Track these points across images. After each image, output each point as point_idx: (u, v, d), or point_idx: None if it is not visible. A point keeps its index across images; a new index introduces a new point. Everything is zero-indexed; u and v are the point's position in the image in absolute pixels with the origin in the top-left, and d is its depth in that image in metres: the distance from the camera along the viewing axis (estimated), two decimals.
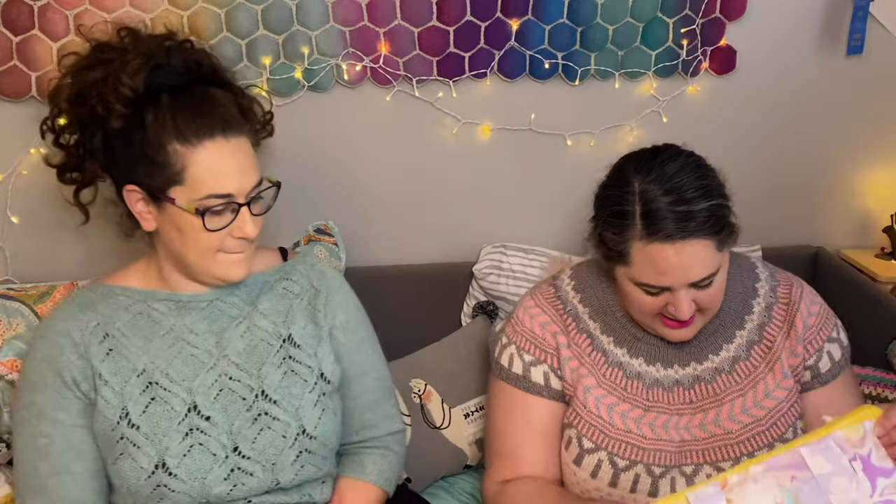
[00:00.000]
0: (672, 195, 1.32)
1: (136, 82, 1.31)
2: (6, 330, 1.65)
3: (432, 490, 1.84)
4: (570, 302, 1.53)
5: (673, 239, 1.31)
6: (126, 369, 1.36)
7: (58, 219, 1.81)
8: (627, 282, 1.40)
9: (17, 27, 1.69)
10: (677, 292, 1.36)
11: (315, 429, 1.40)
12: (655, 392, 1.47)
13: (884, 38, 1.98)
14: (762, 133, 2.01)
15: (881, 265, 2.06)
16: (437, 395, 1.85)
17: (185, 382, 1.37)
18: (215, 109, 1.32)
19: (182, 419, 1.35)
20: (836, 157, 2.09)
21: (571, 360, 1.49)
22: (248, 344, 1.41)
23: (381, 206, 1.98)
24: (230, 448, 1.35)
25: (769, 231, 2.06)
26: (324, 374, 1.44)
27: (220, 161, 1.31)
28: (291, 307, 1.46)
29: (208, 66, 1.41)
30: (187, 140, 1.29)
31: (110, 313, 1.39)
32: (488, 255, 1.96)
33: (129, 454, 1.33)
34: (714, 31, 1.91)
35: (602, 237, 1.41)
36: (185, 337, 1.39)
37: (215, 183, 1.30)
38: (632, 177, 1.36)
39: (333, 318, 1.48)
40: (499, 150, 1.96)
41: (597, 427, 1.46)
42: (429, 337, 1.95)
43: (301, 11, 1.78)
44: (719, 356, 1.49)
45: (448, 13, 1.82)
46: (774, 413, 1.45)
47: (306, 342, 1.45)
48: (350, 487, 1.49)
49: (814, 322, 1.49)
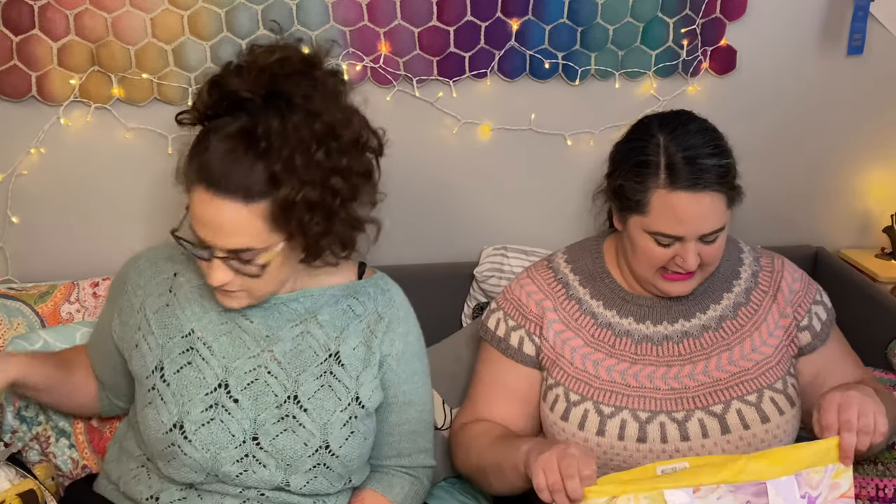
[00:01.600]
0: (694, 150, 1.45)
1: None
2: (7, 329, 1.65)
3: (433, 490, 1.84)
4: (561, 271, 1.64)
5: (694, 189, 1.43)
6: (172, 328, 1.41)
7: (58, 219, 1.81)
8: (639, 233, 1.49)
9: (17, 27, 1.69)
10: (687, 244, 1.46)
11: (340, 448, 1.40)
12: (644, 346, 1.56)
13: (884, 38, 1.98)
14: (762, 133, 2.01)
15: (881, 265, 2.06)
16: (438, 395, 1.85)
17: (224, 360, 1.39)
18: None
19: (210, 391, 1.38)
20: (836, 157, 2.09)
21: (556, 324, 1.59)
22: (296, 347, 1.42)
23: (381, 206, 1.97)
24: (250, 435, 1.37)
25: (769, 231, 2.06)
26: (359, 399, 1.43)
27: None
28: (348, 326, 1.46)
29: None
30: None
31: (184, 272, 1.45)
32: (489, 258, 1.96)
33: (154, 405, 1.38)
34: (714, 31, 1.92)
35: (621, 188, 1.51)
36: (239, 321, 1.42)
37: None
38: (656, 131, 1.49)
39: (391, 346, 1.47)
40: (499, 150, 1.96)
41: (582, 380, 1.54)
42: (429, 338, 1.93)
43: (301, 11, 1.78)
44: (706, 314, 1.58)
45: (448, 13, 1.82)
46: (762, 365, 1.54)
47: (352, 363, 1.44)
48: (374, 501, 1.48)
49: (799, 287, 1.60)
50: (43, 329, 1.66)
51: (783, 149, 2.05)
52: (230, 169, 1.26)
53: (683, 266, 1.48)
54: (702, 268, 1.51)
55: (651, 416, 1.51)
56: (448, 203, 2.00)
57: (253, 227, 1.27)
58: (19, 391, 1.51)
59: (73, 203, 1.84)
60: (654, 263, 1.50)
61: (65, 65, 1.73)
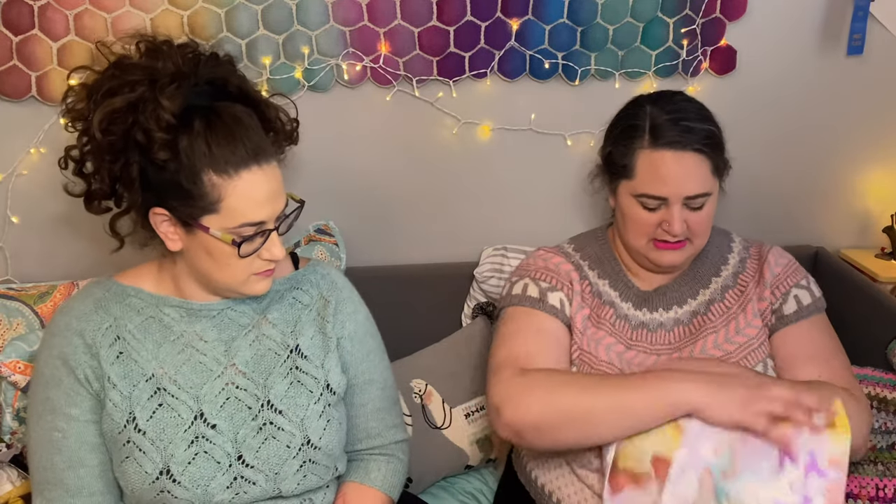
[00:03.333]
0: (679, 113, 1.51)
1: (175, 106, 1.26)
2: (6, 330, 1.65)
3: (433, 490, 1.84)
4: (571, 255, 1.68)
5: (675, 147, 1.48)
6: (135, 374, 1.36)
7: (58, 219, 1.81)
8: (628, 199, 1.55)
9: (17, 27, 1.69)
10: (672, 207, 1.50)
11: (320, 440, 1.40)
12: (640, 333, 1.60)
13: (884, 38, 1.98)
14: (762, 133, 2.01)
15: (881, 265, 2.06)
16: (438, 395, 1.85)
17: (192, 390, 1.36)
18: (248, 136, 1.29)
19: (188, 427, 1.34)
20: (836, 157, 2.09)
21: (577, 296, 1.61)
22: (256, 353, 1.41)
23: (381, 206, 1.98)
24: (234, 457, 1.35)
25: (769, 231, 2.05)
26: (330, 386, 1.44)
27: (255, 190, 1.28)
28: (300, 318, 1.46)
29: (235, 83, 1.37)
30: (224, 171, 1.26)
31: (122, 315, 1.38)
32: (489, 258, 1.96)
33: (134, 458, 1.33)
34: (714, 31, 1.91)
35: (610, 155, 1.58)
36: (195, 344, 1.39)
37: (251, 212, 1.29)
38: (645, 102, 1.56)
39: (342, 328, 1.48)
40: (499, 150, 1.96)
41: (585, 361, 1.56)
42: (429, 337, 1.95)
43: (301, 11, 1.78)
44: (696, 300, 1.62)
45: (448, 13, 1.82)
46: (744, 348, 1.57)
47: (314, 353, 1.44)
48: (355, 492, 1.49)
49: (780, 271, 1.63)
50: (42, 329, 1.66)
51: (783, 149, 2.05)
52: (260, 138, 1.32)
53: (670, 231, 1.51)
54: (691, 240, 1.55)
55: None
56: (448, 203, 2.00)
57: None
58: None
59: (72, 203, 1.83)
60: (642, 231, 1.54)
61: (65, 65, 1.72)
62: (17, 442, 1.62)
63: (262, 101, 1.41)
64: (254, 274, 1.35)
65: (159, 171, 1.28)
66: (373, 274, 1.94)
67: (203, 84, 1.32)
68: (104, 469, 1.36)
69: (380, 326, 1.57)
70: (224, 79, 1.35)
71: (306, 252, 1.82)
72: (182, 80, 1.29)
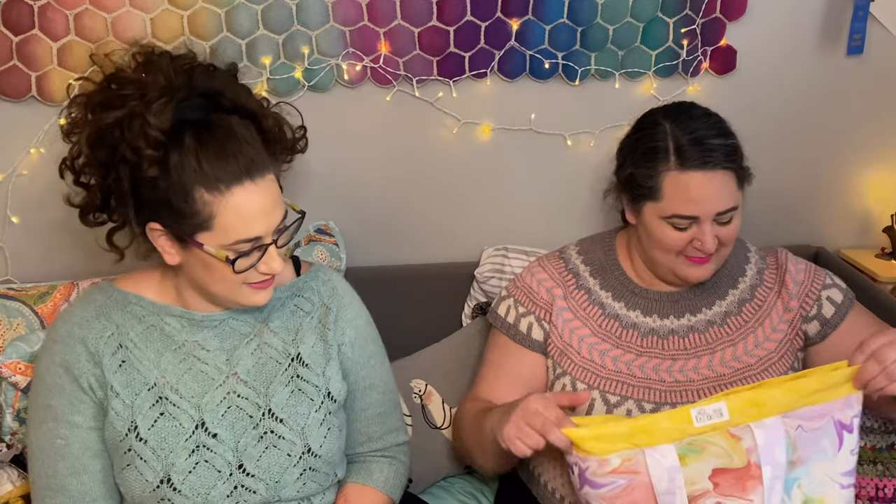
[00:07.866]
0: (699, 132, 1.50)
1: (162, 122, 1.24)
2: (6, 330, 1.65)
3: (433, 490, 1.84)
4: (572, 262, 1.68)
5: (705, 168, 1.47)
6: (137, 382, 1.35)
7: (58, 219, 1.81)
8: (655, 220, 1.53)
9: (17, 27, 1.69)
10: (703, 225, 1.49)
11: (320, 447, 1.40)
12: (650, 339, 1.59)
13: (884, 38, 1.98)
14: (762, 133, 2.00)
15: (881, 265, 2.06)
16: (438, 395, 1.85)
17: (193, 399, 1.36)
18: (240, 150, 1.26)
19: (189, 436, 1.34)
20: (836, 157, 2.09)
21: (565, 312, 1.62)
22: (258, 362, 1.41)
23: (381, 206, 1.98)
24: (235, 465, 1.35)
25: (769, 231, 2.06)
26: (330, 394, 1.44)
27: (248, 206, 1.26)
28: (301, 325, 1.45)
29: (229, 96, 1.34)
30: (215, 188, 1.24)
31: (124, 322, 1.38)
32: (490, 259, 1.96)
33: (135, 466, 1.33)
34: (714, 31, 1.91)
35: (632, 177, 1.55)
36: (196, 353, 1.39)
37: (245, 228, 1.27)
38: (661, 119, 1.54)
39: (343, 335, 1.48)
40: (499, 150, 1.96)
41: (589, 370, 1.58)
42: (429, 337, 1.94)
43: (301, 11, 1.78)
44: (712, 310, 1.61)
45: (448, 13, 1.82)
46: (765, 361, 1.57)
47: (315, 361, 1.44)
48: (357, 493, 1.49)
49: (803, 277, 1.62)
50: (42, 330, 1.66)
51: (783, 149, 2.05)
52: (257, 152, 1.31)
53: (702, 249, 1.50)
54: (717, 251, 1.54)
55: (656, 407, 1.53)
56: (448, 203, 2.00)
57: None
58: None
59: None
60: (672, 249, 1.53)
61: (65, 65, 1.72)
62: (17, 442, 1.62)
63: (260, 112, 1.38)
64: (253, 286, 1.34)
65: (151, 188, 1.27)
66: (373, 274, 1.94)
67: (196, 97, 1.30)
68: (106, 475, 1.36)
69: (380, 327, 1.57)
70: (218, 91, 1.33)
71: (306, 252, 1.82)
72: (172, 94, 1.27)
